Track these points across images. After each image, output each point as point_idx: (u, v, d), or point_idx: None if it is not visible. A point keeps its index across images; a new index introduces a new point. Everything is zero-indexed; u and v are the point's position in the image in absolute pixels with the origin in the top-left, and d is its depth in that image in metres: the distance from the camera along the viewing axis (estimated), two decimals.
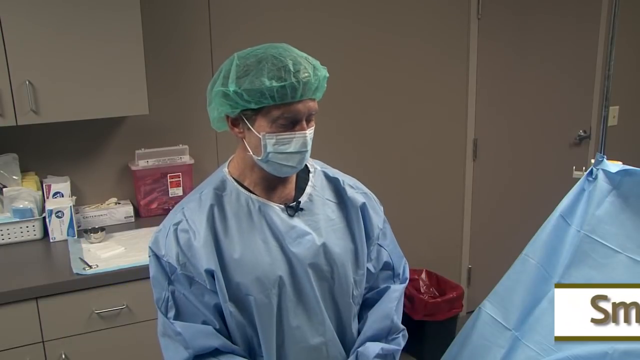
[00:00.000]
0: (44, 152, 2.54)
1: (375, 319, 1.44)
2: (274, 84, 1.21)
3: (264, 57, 1.25)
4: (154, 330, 1.36)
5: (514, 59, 3.37)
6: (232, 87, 1.24)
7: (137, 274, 2.11)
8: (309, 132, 1.29)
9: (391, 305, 1.45)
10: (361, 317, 1.48)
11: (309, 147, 1.30)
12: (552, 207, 1.68)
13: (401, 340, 1.47)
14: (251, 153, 1.31)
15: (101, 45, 2.23)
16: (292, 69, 1.23)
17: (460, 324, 2.42)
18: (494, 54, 3.30)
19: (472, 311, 1.78)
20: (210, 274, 1.27)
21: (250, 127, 1.28)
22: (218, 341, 1.29)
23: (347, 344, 1.43)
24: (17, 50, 2.12)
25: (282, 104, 1.24)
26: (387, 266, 1.49)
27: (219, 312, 1.31)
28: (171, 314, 1.30)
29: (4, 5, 2.07)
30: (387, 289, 1.48)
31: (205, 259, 1.27)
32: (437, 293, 3.23)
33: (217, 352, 1.30)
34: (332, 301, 1.38)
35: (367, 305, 1.48)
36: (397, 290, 1.48)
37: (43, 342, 2.06)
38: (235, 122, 1.31)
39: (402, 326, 1.48)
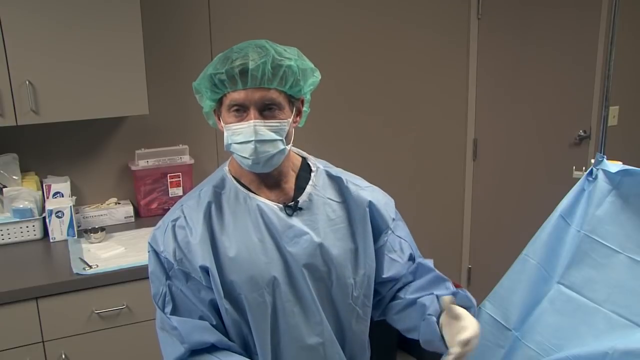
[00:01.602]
0: (44, 152, 2.54)
1: (422, 279, 1.43)
2: (213, 71, 1.26)
3: (226, 51, 1.29)
4: (153, 330, 1.36)
5: (514, 59, 3.37)
6: (196, 81, 1.31)
7: (137, 274, 2.11)
8: (261, 122, 1.25)
9: (430, 269, 1.44)
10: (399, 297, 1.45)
11: (264, 138, 1.25)
12: (552, 207, 1.68)
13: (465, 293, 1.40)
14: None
15: (101, 45, 2.23)
16: (234, 57, 1.25)
17: None
18: (494, 54, 3.30)
19: None
20: (205, 270, 1.28)
21: (220, 119, 1.32)
22: (214, 337, 1.29)
23: (347, 345, 1.42)
24: (17, 50, 2.12)
25: (230, 92, 1.26)
26: (412, 257, 1.47)
27: (215, 308, 1.31)
28: (168, 308, 1.30)
29: (4, 5, 2.07)
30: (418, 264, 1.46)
31: (201, 256, 1.28)
32: None
33: (213, 347, 1.29)
34: (330, 302, 1.38)
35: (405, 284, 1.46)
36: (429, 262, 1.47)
37: (43, 342, 2.06)
38: (219, 117, 1.34)
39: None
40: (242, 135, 1.26)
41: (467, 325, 1.26)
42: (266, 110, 1.27)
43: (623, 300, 1.49)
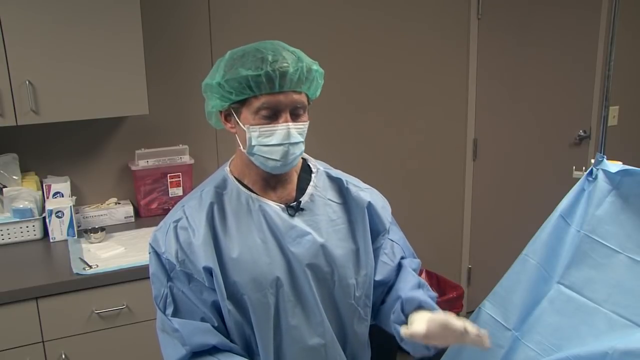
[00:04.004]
0: (44, 152, 2.54)
1: (402, 283, 1.44)
2: (250, 73, 1.23)
3: (249, 51, 1.28)
4: (153, 330, 1.36)
5: (514, 59, 3.37)
6: (216, 80, 1.28)
7: (137, 274, 2.11)
8: (294, 125, 1.28)
9: (412, 274, 1.46)
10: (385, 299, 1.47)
11: (295, 140, 1.28)
12: (552, 207, 1.68)
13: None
14: (241, 148, 1.32)
15: (101, 45, 2.23)
16: (270, 59, 1.24)
17: None
18: (494, 54, 3.30)
19: (472, 311, 1.77)
20: (209, 271, 1.28)
21: (238, 120, 1.30)
22: (216, 339, 1.29)
23: (348, 345, 1.42)
24: (17, 50, 2.12)
25: (263, 94, 1.25)
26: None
27: (217, 309, 1.31)
28: (169, 310, 1.30)
29: (4, 5, 2.07)
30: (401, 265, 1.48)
31: (204, 257, 1.28)
32: (437, 293, 3.23)
33: (214, 349, 1.29)
34: (332, 303, 1.37)
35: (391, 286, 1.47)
36: (411, 264, 1.48)
37: (43, 342, 2.06)
38: (227, 117, 1.33)
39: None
40: (274, 137, 1.27)
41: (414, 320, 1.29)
42: (294, 113, 1.29)
43: (623, 300, 1.49)
